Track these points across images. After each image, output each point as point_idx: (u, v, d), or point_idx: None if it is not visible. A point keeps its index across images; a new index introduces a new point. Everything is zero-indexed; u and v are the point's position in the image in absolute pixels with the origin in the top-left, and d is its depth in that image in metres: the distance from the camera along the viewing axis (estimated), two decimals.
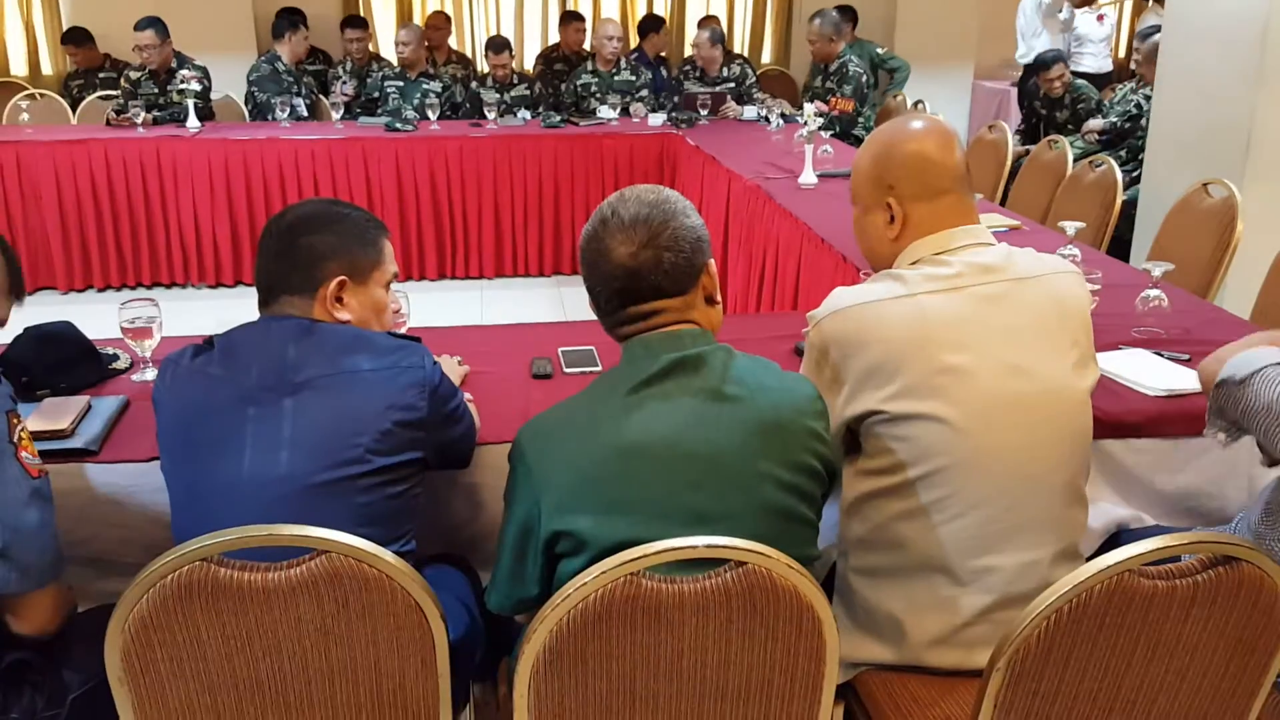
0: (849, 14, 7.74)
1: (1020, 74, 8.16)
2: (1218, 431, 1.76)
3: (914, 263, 1.79)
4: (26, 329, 2.30)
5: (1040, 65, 6.69)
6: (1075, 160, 4.91)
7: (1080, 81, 7.01)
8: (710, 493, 1.50)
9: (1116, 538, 2.06)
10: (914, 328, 1.70)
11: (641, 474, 1.49)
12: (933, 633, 1.76)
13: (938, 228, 1.79)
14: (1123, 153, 5.83)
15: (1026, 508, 1.72)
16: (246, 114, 6.97)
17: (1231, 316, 2.88)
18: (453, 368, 2.31)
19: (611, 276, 1.57)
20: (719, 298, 1.65)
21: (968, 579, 1.72)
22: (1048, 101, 6.70)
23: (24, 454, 1.63)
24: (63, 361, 2.28)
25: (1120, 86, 6.61)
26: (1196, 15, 4.64)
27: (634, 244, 1.55)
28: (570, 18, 7.99)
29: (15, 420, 1.64)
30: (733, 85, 7.11)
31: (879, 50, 7.63)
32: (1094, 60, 8.17)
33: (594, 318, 1.68)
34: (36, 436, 1.69)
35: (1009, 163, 5.44)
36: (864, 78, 6.57)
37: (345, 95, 6.89)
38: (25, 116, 6.55)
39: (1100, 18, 8.30)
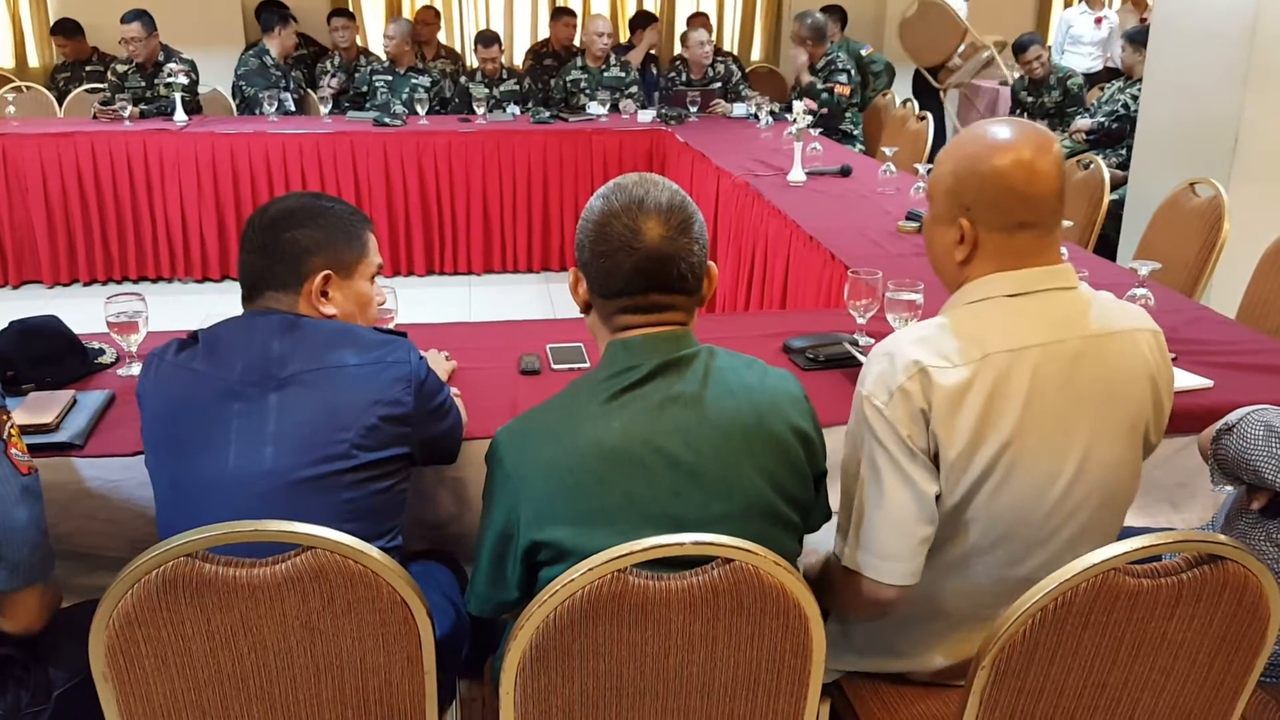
0: (838, 14, 7.75)
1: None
2: (1224, 484, 1.79)
3: (981, 300, 1.60)
4: (11, 323, 2.29)
5: (1018, 48, 6.76)
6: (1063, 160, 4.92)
7: (1065, 66, 7.07)
8: (692, 500, 1.48)
9: None
10: (975, 402, 1.52)
11: (622, 482, 1.47)
12: (920, 666, 1.75)
13: (1012, 263, 1.59)
14: (1124, 151, 5.83)
15: (1044, 567, 1.60)
16: (234, 108, 6.95)
17: (1217, 316, 2.90)
18: (440, 363, 2.30)
19: (643, 255, 1.49)
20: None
21: (965, 622, 1.69)
22: (1033, 87, 6.76)
23: (13, 450, 1.62)
24: (48, 355, 2.27)
25: (1108, 86, 6.64)
26: (1184, 15, 4.65)
27: (670, 228, 1.50)
28: (560, 13, 7.99)
29: (5, 417, 1.63)
30: (719, 85, 7.12)
31: (863, 51, 7.65)
32: (1083, 60, 8.19)
33: (580, 315, 1.66)
34: (21, 430, 1.68)
35: None
36: (852, 70, 6.63)
37: (332, 88, 6.88)
38: (11, 109, 6.53)
39: (1099, 20, 8.31)
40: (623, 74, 7.23)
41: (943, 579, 1.64)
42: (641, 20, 8.13)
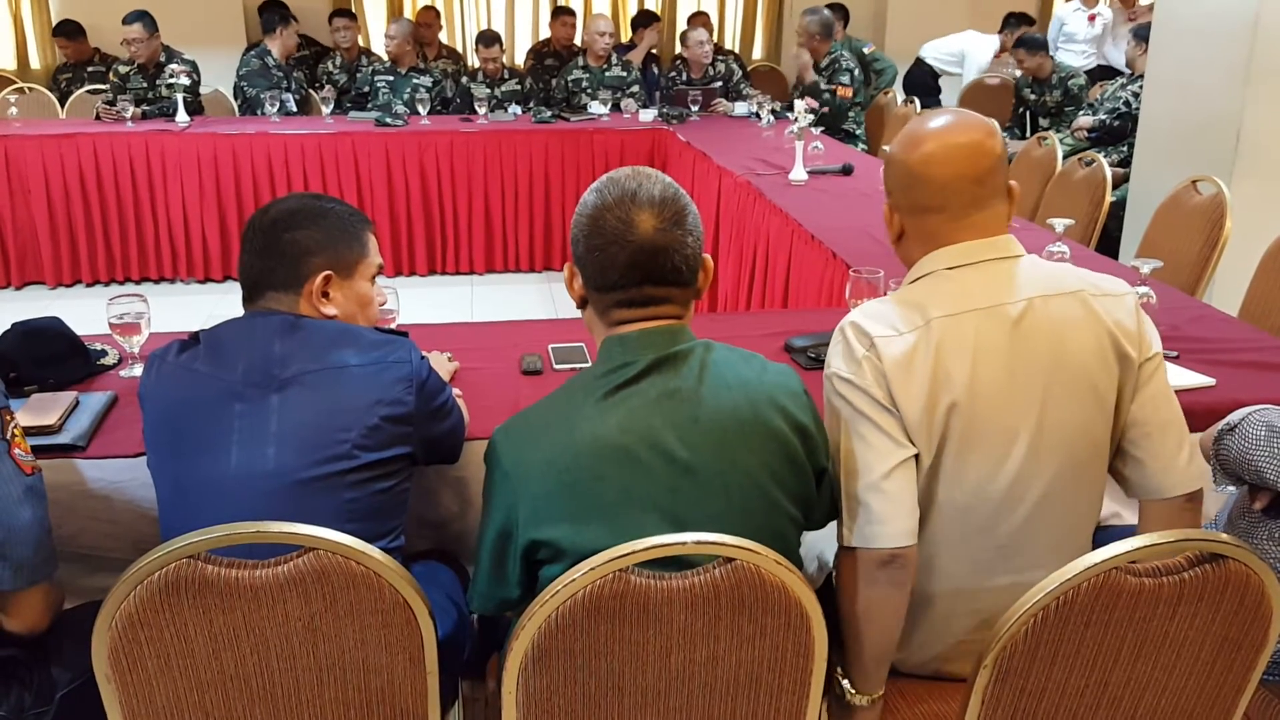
0: (840, 12, 7.76)
1: (912, 62, 8.16)
2: (1226, 484, 1.79)
3: (924, 275, 1.68)
4: (14, 324, 2.29)
5: (1015, 44, 6.81)
6: (1064, 157, 4.93)
7: (1069, 64, 7.09)
8: (689, 496, 1.48)
9: (1097, 536, 2.06)
10: (924, 364, 1.58)
11: (619, 479, 1.47)
12: (914, 661, 1.76)
13: (929, 244, 1.68)
14: (1125, 149, 5.82)
15: (1017, 533, 1.66)
16: (236, 108, 6.95)
17: (1220, 314, 2.89)
18: (442, 364, 2.30)
19: (637, 248, 1.49)
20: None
21: (955, 607, 1.70)
22: (1036, 84, 6.77)
23: (17, 451, 1.62)
24: (50, 357, 2.27)
25: (1109, 84, 6.64)
26: (1186, 12, 4.65)
27: (663, 220, 1.50)
28: (561, 13, 7.98)
29: (8, 417, 1.63)
30: (720, 84, 7.12)
31: (866, 49, 7.65)
32: (1077, 59, 8.18)
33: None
34: (24, 432, 1.69)
35: None
36: (855, 70, 6.63)
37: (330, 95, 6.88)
38: (14, 110, 6.54)
39: (1092, 18, 8.30)
40: (624, 73, 7.23)
41: (924, 555, 1.65)
42: (643, 19, 8.12)
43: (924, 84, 7.95)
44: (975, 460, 1.61)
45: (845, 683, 1.69)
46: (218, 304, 5.72)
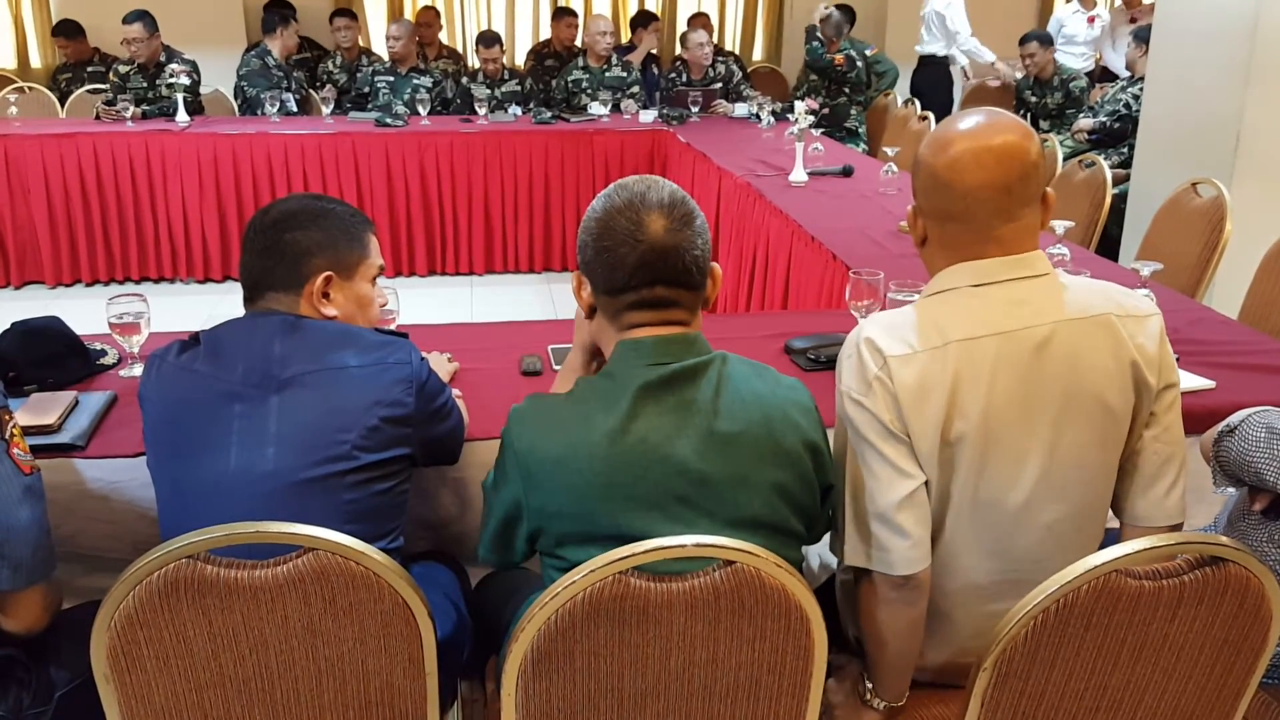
0: (846, 14, 7.77)
1: (915, 64, 8.14)
2: (1227, 486, 1.79)
3: (946, 290, 1.63)
4: (13, 324, 2.29)
5: (1020, 41, 6.83)
6: (1065, 160, 4.93)
7: (1069, 66, 7.10)
8: (698, 507, 1.48)
9: None
10: (939, 390, 1.55)
11: (630, 487, 1.47)
12: (919, 664, 1.75)
13: (952, 254, 1.63)
14: (1125, 151, 5.82)
15: (1027, 553, 1.65)
16: (236, 108, 6.95)
17: (1219, 316, 2.89)
18: (442, 364, 2.30)
19: (647, 248, 1.49)
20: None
21: (962, 619, 1.70)
22: (1038, 86, 6.77)
23: (15, 450, 1.62)
24: (50, 356, 2.27)
25: (1109, 86, 6.64)
26: (1186, 13, 4.65)
27: (672, 221, 1.50)
28: (562, 13, 7.98)
29: (7, 417, 1.63)
30: (720, 85, 7.12)
31: (868, 51, 7.67)
32: (1077, 60, 8.19)
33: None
34: (23, 431, 1.68)
35: None
36: (860, 63, 6.91)
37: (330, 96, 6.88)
38: (13, 110, 6.54)
39: (1091, 19, 8.31)
40: (624, 74, 7.23)
41: (934, 574, 1.64)
42: (642, 20, 8.12)
43: (936, 81, 7.90)
44: (987, 483, 1.60)
45: (869, 684, 1.70)
46: (218, 304, 5.72)
